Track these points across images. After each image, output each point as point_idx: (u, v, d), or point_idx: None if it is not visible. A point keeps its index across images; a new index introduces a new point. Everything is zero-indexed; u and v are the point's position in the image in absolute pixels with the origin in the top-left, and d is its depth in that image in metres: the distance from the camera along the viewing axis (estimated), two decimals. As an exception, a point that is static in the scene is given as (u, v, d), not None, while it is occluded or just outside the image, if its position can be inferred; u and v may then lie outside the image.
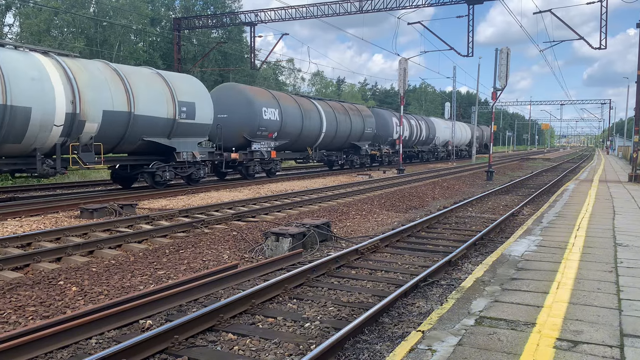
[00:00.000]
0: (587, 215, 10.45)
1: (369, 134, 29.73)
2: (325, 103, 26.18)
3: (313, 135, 24.16)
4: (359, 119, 28.47)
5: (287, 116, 21.67)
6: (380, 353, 4.48)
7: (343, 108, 27.47)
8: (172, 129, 15.84)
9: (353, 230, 10.64)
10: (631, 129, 33.59)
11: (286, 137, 21.95)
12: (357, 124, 27.98)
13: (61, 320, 4.80)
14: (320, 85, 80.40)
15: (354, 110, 28.73)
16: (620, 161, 44.05)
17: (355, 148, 28.86)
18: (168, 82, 15.97)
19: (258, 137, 20.22)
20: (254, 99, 20.12)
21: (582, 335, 3.87)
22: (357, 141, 28.63)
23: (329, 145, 26.28)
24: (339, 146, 27.48)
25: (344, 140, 27.36)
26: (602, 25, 24.69)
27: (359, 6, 27.64)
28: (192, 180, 17.41)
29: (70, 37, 39.72)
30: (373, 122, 30.43)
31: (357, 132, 28.12)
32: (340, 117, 26.23)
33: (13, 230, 9.49)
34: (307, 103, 24.29)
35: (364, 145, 29.38)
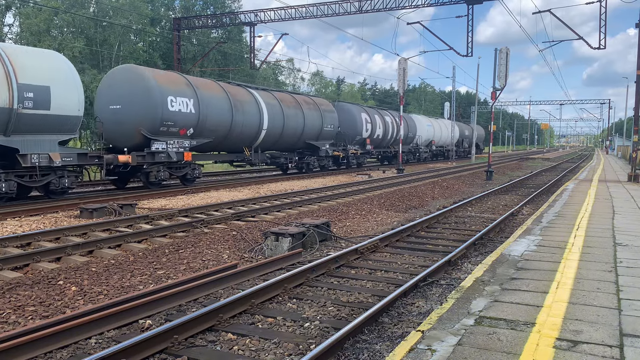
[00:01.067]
0: (587, 215, 10.46)
1: (330, 131, 25.55)
2: (268, 94, 21.75)
3: (250, 132, 19.74)
4: (316, 114, 24.25)
5: (208, 108, 17.38)
6: (380, 353, 4.48)
7: (294, 100, 23.25)
8: (8, 122, 11.75)
9: (353, 230, 10.64)
10: (630, 129, 33.64)
11: (208, 134, 17.70)
12: (313, 119, 23.83)
13: (61, 320, 4.80)
14: (319, 85, 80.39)
15: (309, 103, 24.37)
16: (619, 161, 44.07)
17: (312, 148, 24.77)
18: (2, 57, 11.80)
19: (162, 135, 15.88)
20: (156, 85, 15.59)
21: (581, 335, 3.87)
22: (314, 140, 24.42)
23: (276, 145, 22.09)
24: (289, 146, 23.23)
25: (296, 139, 23.15)
26: (601, 25, 24.70)
27: (359, 6, 27.64)
28: (53, 193, 13.27)
29: (70, 37, 39.70)
30: (335, 118, 26.19)
31: (313, 130, 23.96)
32: (289, 111, 22.00)
33: (13, 230, 9.49)
34: (241, 93, 19.83)
35: (324, 145, 25.23)
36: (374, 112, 31.85)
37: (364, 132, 29.57)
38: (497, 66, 24.06)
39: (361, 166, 30.41)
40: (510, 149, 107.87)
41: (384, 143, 33.54)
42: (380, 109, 36.39)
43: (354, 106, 30.79)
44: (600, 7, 24.40)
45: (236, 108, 18.76)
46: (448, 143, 47.71)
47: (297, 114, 22.74)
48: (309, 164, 24.80)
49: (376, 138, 31.55)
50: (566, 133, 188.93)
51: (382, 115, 32.84)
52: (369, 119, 29.98)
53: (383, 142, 33.26)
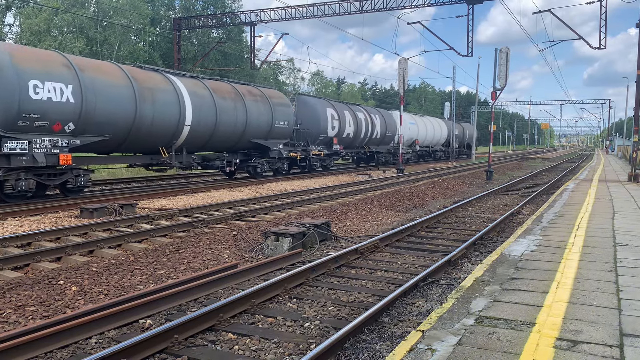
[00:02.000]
0: (587, 214, 10.46)
1: (283, 129, 21.57)
2: (196, 82, 17.70)
3: (166, 128, 15.73)
4: (264, 108, 20.23)
5: (98, 96, 13.41)
6: (380, 353, 4.48)
7: (233, 91, 19.00)
8: None
9: (353, 230, 10.65)
10: (631, 129, 33.64)
11: (99, 130, 13.71)
12: (260, 114, 19.94)
13: (61, 320, 4.80)
14: (320, 85, 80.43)
15: (255, 95, 20.23)
16: (619, 161, 44.06)
17: (261, 149, 20.85)
18: None
19: (22, 131, 11.97)
20: (11, 64, 11.62)
21: (581, 335, 3.87)
22: (262, 139, 20.34)
23: (208, 145, 18.24)
24: (228, 146, 19.28)
25: (237, 138, 19.08)
26: (601, 25, 24.70)
27: (359, 6, 27.65)
28: None
29: (70, 37, 39.73)
30: (291, 114, 22.42)
31: (260, 127, 20.06)
32: (225, 103, 18.06)
33: (13, 229, 9.49)
34: (153, 79, 15.70)
35: (277, 145, 21.34)
36: (343, 108, 27.94)
37: (330, 130, 25.79)
38: (497, 66, 24.07)
39: (328, 169, 26.66)
40: (511, 148, 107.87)
41: (356, 143, 29.59)
42: (353, 104, 31.90)
43: (317, 100, 26.55)
44: (600, 7, 24.41)
45: (143, 98, 14.74)
46: (435, 143, 43.92)
47: (237, 107, 18.72)
48: (257, 167, 20.68)
49: (346, 137, 27.75)
50: (566, 133, 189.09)
51: (354, 112, 28.94)
52: (336, 116, 26.23)
53: (355, 141, 29.27)
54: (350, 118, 27.99)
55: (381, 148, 33.02)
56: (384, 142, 33.15)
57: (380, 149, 32.87)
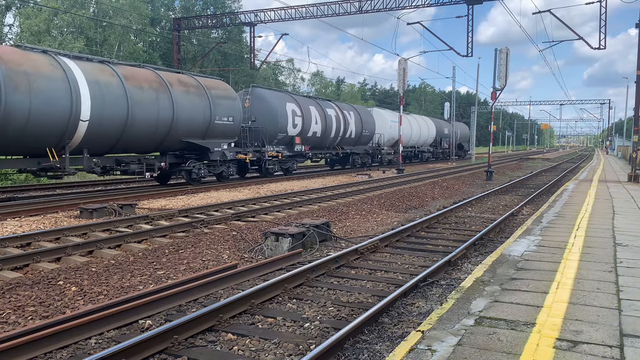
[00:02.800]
0: (587, 215, 10.45)
1: (227, 126, 18.21)
2: (102, 67, 14.35)
3: (51, 125, 12.60)
4: (200, 101, 16.94)
5: None
6: (380, 353, 4.48)
7: (155, 79, 15.67)
8: None
9: (353, 230, 10.64)
10: (630, 129, 33.65)
11: None
12: (194, 108, 16.74)
13: (61, 320, 4.80)
14: (320, 85, 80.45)
15: (188, 85, 16.86)
16: (619, 161, 44.07)
17: (199, 150, 17.54)
18: None
19: None
20: None
21: (581, 335, 3.87)
22: (199, 138, 17.17)
23: (120, 145, 14.80)
24: (152, 146, 16.03)
25: (162, 137, 15.78)
26: (601, 25, 24.71)
27: (359, 6, 27.66)
28: None
29: (70, 37, 39.74)
30: (237, 108, 18.90)
31: (194, 123, 16.79)
32: (141, 94, 14.79)
33: (13, 230, 9.49)
34: (35, 62, 12.50)
35: (219, 146, 18.03)
36: (309, 103, 24.68)
37: (291, 127, 22.65)
38: (497, 66, 24.08)
39: (290, 173, 23.53)
40: (510, 149, 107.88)
41: (325, 143, 26.11)
42: (323, 99, 28.67)
43: (274, 94, 23.44)
44: (600, 7, 24.41)
45: (13, 85, 11.64)
46: (422, 143, 40.59)
47: (161, 98, 15.45)
48: (191, 172, 17.26)
49: (312, 136, 24.40)
50: (566, 133, 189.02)
51: (322, 108, 25.47)
52: (298, 112, 23.12)
53: (324, 141, 25.82)
54: (317, 114, 24.74)
55: (357, 149, 29.57)
56: (360, 143, 29.83)
57: (356, 149, 29.39)
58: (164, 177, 18.38)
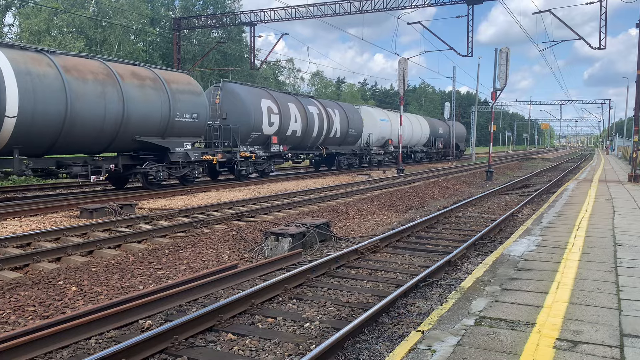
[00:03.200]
0: (587, 215, 10.45)
1: (191, 124, 16.55)
2: (34, 56, 12.66)
3: None
4: (156, 96, 15.27)
5: None
6: (380, 353, 4.48)
7: (103, 71, 14.05)
8: None
9: (353, 230, 10.64)
10: (631, 129, 33.64)
11: None
12: (150, 104, 15.07)
13: (61, 320, 4.80)
14: (320, 85, 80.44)
15: (140, 78, 15.16)
16: (620, 161, 44.06)
17: (158, 150, 15.92)
18: None
19: None
20: None
21: (582, 335, 3.87)
22: (157, 137, 15.52)
23: (60, 145, 13.16)
24: (100, 146, 14.36)
25: (111, 136, 14.17)
26: (601, 25, 24.69)
27: (359, 6, 27.64)
28: None
29: (70, 37, 39.74)
30: (202, 105, 17.17)
31: (150, 120, 15.11)
32: (83, 87, 13.18)
33: (13, 230, 9.49)
34: None
35: (183, 146, 16.44)
36: (287, 100, 23.01)
37: (266, 126, 20.88)
38: (497, 66, 24.07)
39: (267, 175, 21.73)
40: (511, 149, 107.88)
41: (307, 142, 24.32)
42: (305, 96, 26.57)
43: (248, 89, 21.32)
44: (600, 7, 24.40)
45: None
46: (415, 143, 38.79)
47: (108, 92, 13.85)
48: (148, 175, 15.58)
49: (291, 136, 22.72)
50: (566, 133, 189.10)
51: (303, 105, 23.79)
52: (275, 109, 21.43)
53: (305, 141, 24.08)
54: (297, 112, 23.00)
55: (344, 149, 27.82)
56: (346, 142, 28.08)
57: (342, 149, 27.69)
58: (119, 180, 16.62)
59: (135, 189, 16.71)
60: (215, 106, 19.91)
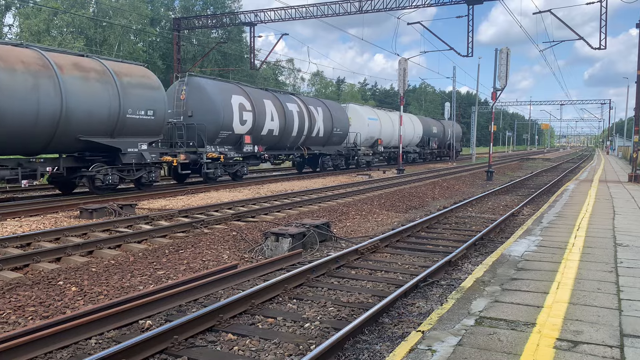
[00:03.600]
0: (587, 215, 10.45)
1: (145, 121, 14.85)
2: None
3: None
4: (104, 90, 13.65)
5: None
6: (380, 353, 4.47)
7: (36, 61, 12.48)
8: None
9: (353, 231, 10.64)
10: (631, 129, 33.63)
11: None
12: (93, 99, 13.38)
13: (61, 321, 4.80)
14: (320, 85, 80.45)
15: (84, 70, 13.47)
16: (620, 161, 44.06)
17: (108, 151, 14.31)
18: None
19: None
20: None
21: (582, 336, 3.87)
22: (106, 137, 13.95)
23: None
24: (37, 147, 12.83)
25: (49, 135, 12.69)
26: (601, 25, 24.69)
27: (359, 6, 27.64)
28: None
29: (69, 37, 39.75)
30: (159, 100, 15.43)
31: (96, 117, 13.49)
32: (12, 80, 11.74)
33: (13, 230, 9.49)
34: None
35: (137, 146, 14.82)
36: (263, 96, 21.24)
37: (237, 124, 19.11)
38: (497, 66, 24.07)
39: (240, 178, 19.96)
40: (511, 149, 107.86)
41: (285, 142, 22.63)
42: (284, 92, 25.07)
43: (216, 84, 19.35)
44: (600, 7, 24.39)
45: None
46: (407, 143, 36.69)
47: (42, 85, 12.29)
48: (94, 179, 13.93)
49: (267, 135, 21.02)
50: (567, 133, 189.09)
51: (281, 102, 22.07)
52: (248, 105, 19.66)
53: (284, 141, 22.37)
54: (273, 110, 21.25)
55: (328, 149, 26.16)
56: (331, 142, 26.36)
57: (326, 150, 26.00)
58: (65, 185, 14.99)
59: (136, 188, 16.68)
60: (180, 102, 18.47)
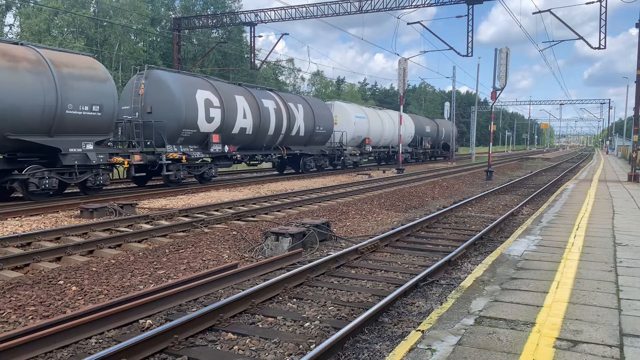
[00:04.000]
0: (587, 214, 10.45)
1: (90, 118, 13.33)
2: None
3: None
4: (39, 83, 12.22)
5: None
6: (380, 353, 4.48)
7: None
8: None
9: (353, 230, 10.65)
10: (630, 129, 33.63)
11: None
12: (22, 92, 11.92)
13: (61, 320, 4.80)
14: (320, 85, 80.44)
15: (12, 59, 11.96)
16: (619, 161, 44.06)
17: (46, 151, 12.94)
18: None
19: None
20: None
21: (581, 335, 3.87)
22: (41, 135, 12.50)
23: None
24: None
25: None
26: (601, 25, 24.69)
27: (359, 6, 27.64)
28: None
29: (70, 37, 39.75)
30: (109, 94, 13.99)
31: (26, 114, 12.05)
32: None
33: (13, 229, 9.49)
34: None
35: (81, 145, 13.31)
36: (234, 92, 19.51)
37: (203, 122, 17.44)
38: (497, 66, 24.07)
39: (208, 180, 18.37)
40: (510, 148, 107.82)
41: (261, 142, 20.94)
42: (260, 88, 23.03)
43: (179, 78, 17.51)
44: (600, 7, 24.39)
45: None
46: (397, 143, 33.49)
47: None
48: (28, 183, 12.45)
49: (240, 134, 19.38)
50: (566, 133, 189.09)
51: (255, 98, 20.31)
52: (216, 101, 17.99)
53: (259, 140, 20.71)
54: (246, 106, 19.44)
55: (310, 149, 24.57)
56: (313, 142, 24.74)
57: (309, 150, 24.43)
58: None
59: (136, 188, 16.70)
60: (138, 98, 16.77)
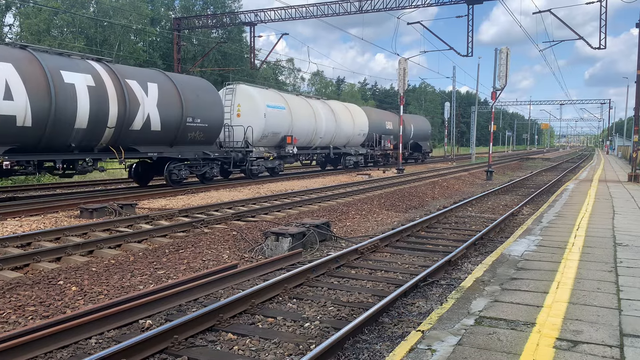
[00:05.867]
0: (587, 215, 10.45)
1: None
2: None
3: None
4: None
5: None
6: (380, 353, 4.48)
7: None
8: None
9: (353, 230, 10.64)
10: (631, 129, 33.61)
11: None
12: None
13: (61, 320, 4.80)
14: (320, 85, 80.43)
15: None
16: (619, 161, 44.05)
17: None
18: None
19: None
20: None
21: (581, 335, 3.87)
22: None
23: None
24: None
25: None
26: (601, 25, 24.68)
27: (359, 6, 27.63)
28: None
29: (70, 37, 39.75)
30: None
31: None
32: None
33: (13, 230, 9.49)
34: None
35: None
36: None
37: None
38: (497, 66, 24.07)
39: None
40: (511, 149, 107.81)
41: (59, 138, 12.78)
42: (71, 54, 13.71)
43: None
44: (600, 7, 24.38)
45: None
46: (344, 142, 27.59)
47: None
48: None
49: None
50: (566, 133, 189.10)
51: (48, 70, 12.03)
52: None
53: (56, 135, 12.43)
54: (17, 81, 11.41)
55: (181, 151, 16.34)
56: (184, 141, 16.30)
57: (175, 152, 16.19)
58: None
59: (136, 188, 16.69)
60: None
